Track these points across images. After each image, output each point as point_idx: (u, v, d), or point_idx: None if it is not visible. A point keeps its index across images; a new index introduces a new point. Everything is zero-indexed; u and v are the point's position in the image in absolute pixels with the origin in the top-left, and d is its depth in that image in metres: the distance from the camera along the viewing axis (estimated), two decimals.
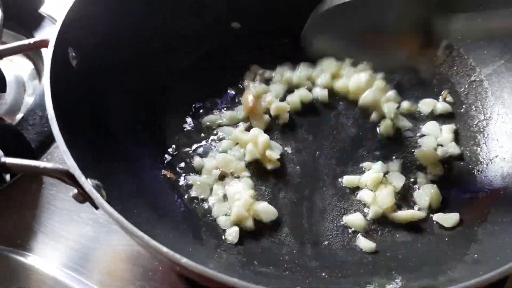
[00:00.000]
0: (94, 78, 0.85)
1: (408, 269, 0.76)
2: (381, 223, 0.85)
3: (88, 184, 0.62)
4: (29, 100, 1.14)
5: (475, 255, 0.73)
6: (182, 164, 0.94)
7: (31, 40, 0.79)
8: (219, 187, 0.90)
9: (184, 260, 0.55)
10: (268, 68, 1.09)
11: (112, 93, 0.90)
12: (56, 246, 0.90)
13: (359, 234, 0.84)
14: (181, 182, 0.92)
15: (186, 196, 0.90)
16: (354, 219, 0.85)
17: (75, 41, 0.81)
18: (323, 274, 0.77)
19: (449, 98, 1.02)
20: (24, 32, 1.23)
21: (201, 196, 0.89)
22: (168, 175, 0.91)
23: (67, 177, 0.64)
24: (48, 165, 0.65)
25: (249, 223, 0.84)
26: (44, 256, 0.88)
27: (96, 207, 0.66)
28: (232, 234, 0.83)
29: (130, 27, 0.96)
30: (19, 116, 1.07)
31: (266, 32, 1.13)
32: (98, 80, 0.87)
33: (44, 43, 0.78)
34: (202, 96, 1.05)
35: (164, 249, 0.56)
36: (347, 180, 0.90)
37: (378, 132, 0.98)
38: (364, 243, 0.82)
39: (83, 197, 0.65)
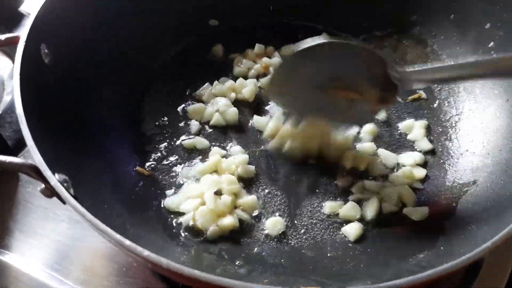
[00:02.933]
0: (69, 74, 0.85)
1: (375, 263, 0.77)
2: None
3: (54, 178, 0.62)
4: (7, 98, 1.13)
5: (441, 248, 0.74)
6: (159, 161, 0.95)
7: (2, 37, 0.79)
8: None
9: (146, 253, 0.55)
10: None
11: (88, 90, 0.90)
12: (32, 243, 0.90)
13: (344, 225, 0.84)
14: (157, 180, 0.92)
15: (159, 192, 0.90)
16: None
17: (48, 38, 0.81)
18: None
19: (423, 96, 1.03)
20: (4, 30, 1.23)
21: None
22: (143, 172, 0.91)
23: (34, 172, 0.64)
24: (15, 159, 0.65)
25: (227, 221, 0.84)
26: (21, 254, 0.89)
27: (63, 202, 0.66)
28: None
29: (106, 24, 0.96)
30: None
31: (242, 27, 1.15)
32: (73, 77, 0.87)
33: (15, 40, 0.78)
34: (179, 93, 1.05)
35: (127, 242, 0.56)
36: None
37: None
38: (349, 231, 0.82)
39: (50, 191, 0.65)
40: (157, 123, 1.00)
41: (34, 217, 0.94)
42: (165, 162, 0.94)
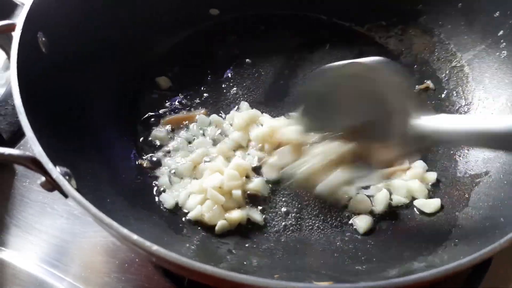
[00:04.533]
0: (67, 64, 0.82)
1: (389, 256, 0.75)
2: None
3: (56, 171, 0.59)
4: (1, 90, 1.10)
5: (456, 240, 0.73)
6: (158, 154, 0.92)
7: None
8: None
9: (155, 248, 0.53)
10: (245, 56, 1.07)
11: (86, 80, 0.87)
12: (29, 239, 0.88)
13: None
14: (157, 173, 0.89)
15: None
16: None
17: (45, 25, 0.78)
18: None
19: (431, 86, 1.01)
20: None
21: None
22: (144, 165, 0.89)
23: (33, 164, 0.61)
24: (14, 151, 0.62)
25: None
26: (18, 250, 0.86)
27: (65, 196, 0.63)
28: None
29: (104, 11, 0.93)
30: None
31: (244, 18, 1.12)
32: (71, 66, 0.83)
33: (11, 27, 0.74)
34: (180, 85, 1.02)
35: (135, 236, 0.54)
36: None
37: None
38: (359, 223, 0.80)
39: (51, 185, 0.62)
40: (155, 114, 0.97)
41: (31, 212, 0.91)
42: (164, 155, 0.91)
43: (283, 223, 0.82)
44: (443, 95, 1.00)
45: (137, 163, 0.89)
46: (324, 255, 0.77)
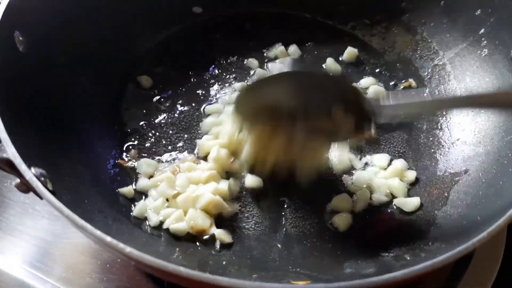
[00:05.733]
0: (45, 63, 0.81)
1: (367, 254, 0.74)
2: None
3: (29, 172, 0.59)
4: None
5: (434, 239, 0.73)
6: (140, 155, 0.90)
7: None
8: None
9: (128, 250, 0.53)
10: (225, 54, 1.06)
11: (65, 79, 0.86)
12: (11, 240, 0.87)
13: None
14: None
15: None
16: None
17: (23, 24, 0.77)
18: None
19: (413, 84, 1.02)
20: None
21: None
22: (124, 164, 0.88)
23: (6, 165, 0.60)
24: None
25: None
26: (0, 252, 0.85)
27: (41, 197, 0.62)
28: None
29: (85, 10, 0.92)
30: None
31: (227, 17, 1.11)
32: (49, 65, 0.82)
33: None
34: (163, 83, 1.01)
35: (108, 238, 0.54)
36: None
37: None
38: (339, 222, 0.80)
39: (25, 186, 0.61)
40: (138, 115, 0.96)
41: (12, 213, 0.90)
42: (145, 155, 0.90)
43: (262, 222, 0.81)
44: (425, 93, 1.00)
45: (116, 162, 0.88)
46: (303, 254, 0.76)
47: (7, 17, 0.74)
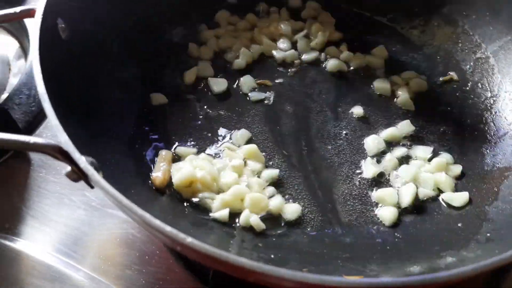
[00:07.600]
0: (86, 52, 0.81)
1: (418, 250, 0.73)
2: None
3: (83, 160, 0.58)
4: (14, 80, 1.08)
5: (488, 234, 0.71)
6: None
7: (17, 9, 0.73)
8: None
9: (189, 240, 0.51)
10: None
11: (107, 68, 0.86)
12: (46, 230, 0.86)
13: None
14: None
15: None
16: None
17: (65, 12, 0.76)
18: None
19: (455, 78, 1.00)
20: (4, 6, 1.16)
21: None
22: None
23: (59, 153, 0.59)
24: (39, 140, 0.60)
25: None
26: (34, 241, 0.84)
27: (91, 186, 0.61)
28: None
29: None
30: (4, 96, 1.02)
31: None
32: (91, 55, 0.82)
33: (30, 13, 0.72)
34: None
35: (168, 228, 0.52)
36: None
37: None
38: (385, 215, 0.79)
39: (77, 175, 0.60)
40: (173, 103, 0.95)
41: (47, 203, 0.89)
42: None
43: (311, 217, 0.80)
44: (467, 87, 0.98)
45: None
46: (351, 248, 0.75)
47: (50, 4, 0.73)
